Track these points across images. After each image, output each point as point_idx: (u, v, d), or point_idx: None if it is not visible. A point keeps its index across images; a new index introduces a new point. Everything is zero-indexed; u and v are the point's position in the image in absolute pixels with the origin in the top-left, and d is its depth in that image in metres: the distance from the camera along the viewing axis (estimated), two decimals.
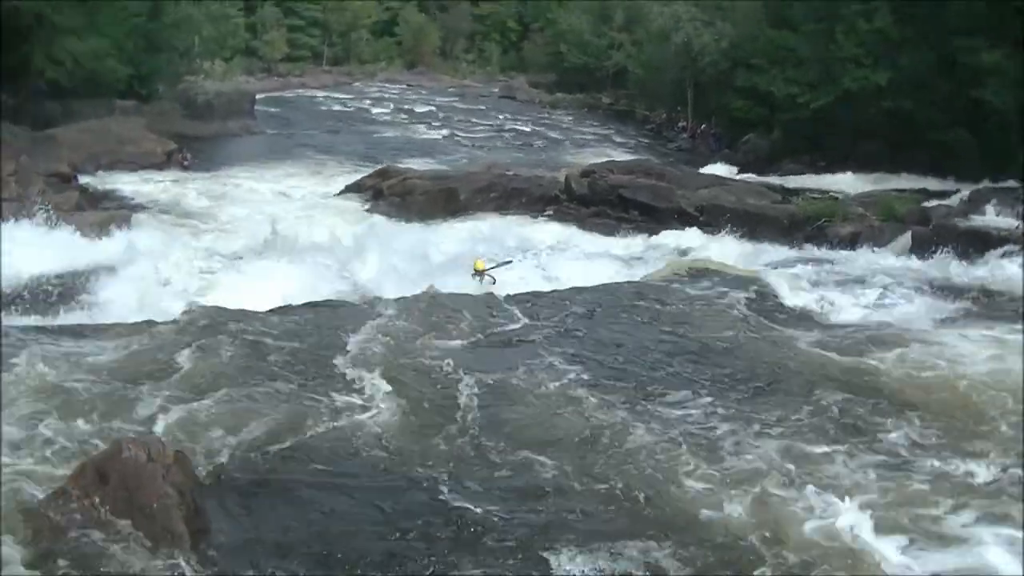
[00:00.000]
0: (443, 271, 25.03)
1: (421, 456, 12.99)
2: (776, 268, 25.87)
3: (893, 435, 14.21)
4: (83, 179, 39.99)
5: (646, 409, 15.06)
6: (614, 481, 12.46)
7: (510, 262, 27.38)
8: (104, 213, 32.21)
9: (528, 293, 22.28)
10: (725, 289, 22.79)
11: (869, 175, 47.40)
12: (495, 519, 11.51)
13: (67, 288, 22.09)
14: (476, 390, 15.56)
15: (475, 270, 25.48)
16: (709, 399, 15.53)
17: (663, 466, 12.87)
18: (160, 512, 9.99)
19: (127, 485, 10.12)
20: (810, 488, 12.15)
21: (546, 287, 23.58)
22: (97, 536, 9.89)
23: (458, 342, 18.01)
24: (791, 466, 13.02)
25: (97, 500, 10.13)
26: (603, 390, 15.82)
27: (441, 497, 11.95)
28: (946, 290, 23.98)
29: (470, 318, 19.55)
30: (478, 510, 11.65)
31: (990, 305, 22.76)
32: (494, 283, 24.70)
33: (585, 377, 16.45)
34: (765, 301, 22.14)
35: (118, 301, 21.04)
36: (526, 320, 19.66)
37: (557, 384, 15.95)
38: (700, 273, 24.68)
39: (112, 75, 56.79)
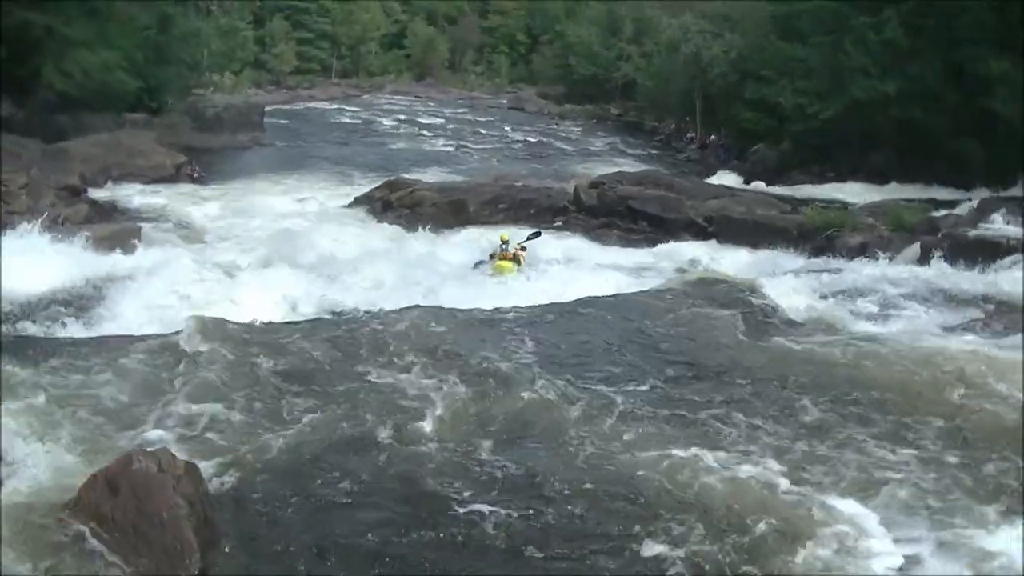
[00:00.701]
0: (451, 282, 25.08)
1: (431, 468, 13.00)
2: (785, 278, 25.84)
3: (901, 447, 14.21)
4: (93, 192, 40.07)
5: (653, 419, 15.06)
6: (625, 493, 12.48)
7: (538, 234, 28.36)
8: (114, 226, 32.20)
9: (537, 306, 22.26)
10: (734, 299, 22.75)
11: (878, 185, 47.48)
12: (504, 528, 11.54)
13: (77, 300, 22.13)
14: (484, 402, 15.58)
15: (501, 241, 27.52)
16: (721, 410, 15.51)
17: (674, 474, 12.89)
18: (170, 523, 10.02)
19: (137, 496, 10.15)
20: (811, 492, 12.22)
21: (554, 298, 23.55)
22: (107, 547, 9.92)
23: (465, 354, 17.98)
24: (797, 471, 13.07)
25: (107, 511, 10.17)
26: (611, 401, 15.80)
27: (454, 508, 11.95)
28: (955, 299, 23.94)
29: (478, 330, 19.56)
30: (486, 519, 11.67)
31: (999, 314, 22.73)
32: (524, 253, 27.84)
33: (592, 387, 16.42)
34: (774, 311, 22.07)
35: (128, 313, 21.04)
36: (534, 331, 19.63)
37: (567, 397, 15.92)
38: (709, 283, 24.63)
39: (122, 88, 56.93)
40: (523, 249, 28.59)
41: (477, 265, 28.82)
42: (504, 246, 28.11)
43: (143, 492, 10.17)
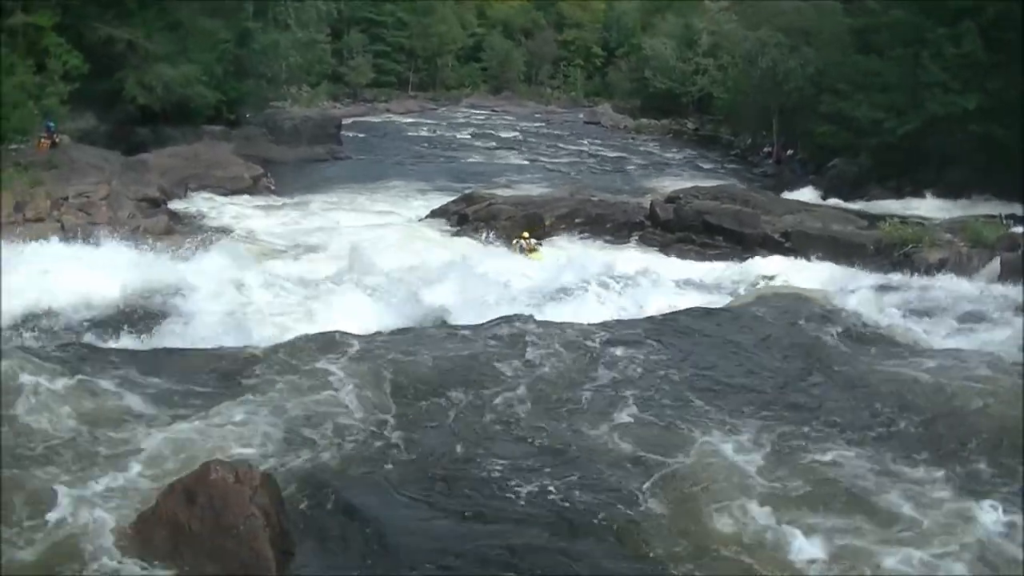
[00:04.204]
0: (526, 297, 25.05)
1: (504, 479, 12.99)
2: (862, 294, 25.61)
3: (981, 464, 14.08)
4: (172, 203, 40.48)
5: (728, 433, 14.98)
6: (695, 505, 12.44)
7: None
8: (192, 237, 32.56)
9: (613, 321, 22.21)
10: (811, 315, 22.57)
11: (956, 201, 47.01)
12: (578, 539, 11.54)
13: (155, 311, 22.35)
14: (558, 416, 15.57)
15: (523, 239, 33.86)
16: (795, 425, 15.42)
17: (747, 488, 12.84)
18: (247, 533, 10.09)
19: (214, 506, 10.24)
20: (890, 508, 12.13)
21: (630, 314, 23.50)
22: (184, 556, 10.00)
23: (541, 369, 17.96)
24: (882, 490, 12.97)
25: (184, 520, 10.26)
26: (685, 416, 15.75)
27: (529, 519, 11.95)
28: None
29: (554, 345, 19.51)
30: (560, 531, 11.67)
31: None
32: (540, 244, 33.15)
33: (667, 402, 16.38)
34: (851, 327, 21.88)
35: (204, 325, 21.18)
36: (609, 347, 19.56)
37: (640, 411, 15.89)
38: (786, 299, 24.46)
39: (201, 101, 57.70)
40: (540, 242, 35.15)
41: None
42: (527, 241, 34.63)
43: (220, 502, 10.26)
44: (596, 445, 14.51)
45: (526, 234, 35.60)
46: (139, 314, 21.98)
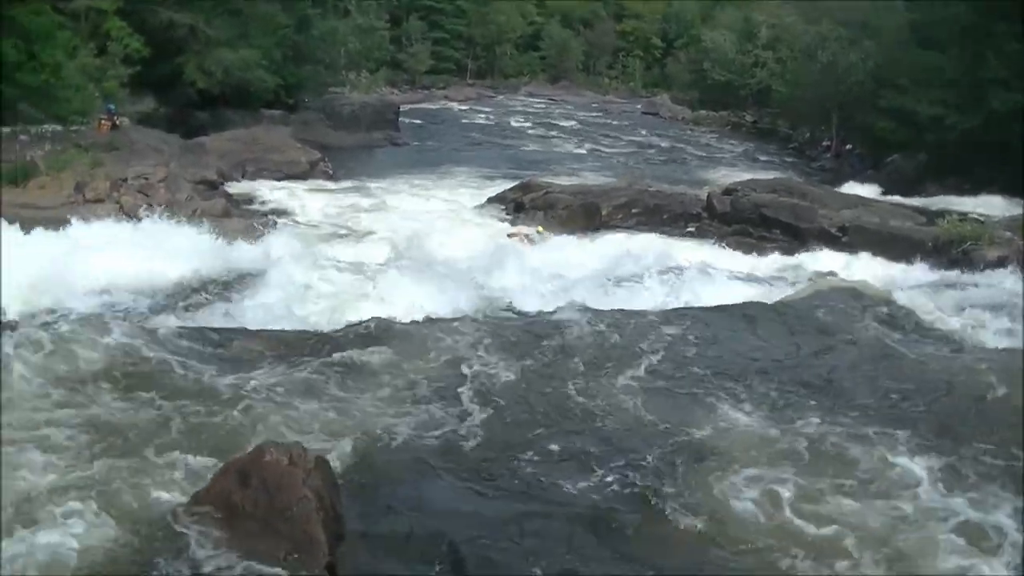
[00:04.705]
0: (582, 286, 25.00)
1: (558, 466, 13.04)
2: (919, 291, 25.45)
3: None
4: (229, 186, 40.68)
5: (784, 426, 14.96)
6: (750, 496, 12.43)
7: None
8: (249, 220, 32.76)
9: (667, 311, 22.18)
10: (867, 311, 22.47)
11: (1017, 198, 46.50)
12: (632, 528, 11.55)
13: (212, 292, 22.45)
14: (617, 405, 15.59)
15: (537, 232, 34.38)
16: (851, 421, 15.37)
17: (800, 483, 12.82)
18: (299, 516, 10.13)
19: (268, 488, 10.29)
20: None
21: (686, 305, 23.46)
22: (237, 536, 10.07)
23: (597, 358, 17.97)
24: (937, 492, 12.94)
25: (238, 501, 10.32)
26: (741, 407, 15.75)
27: (580, 504, 12.00)
28: None
29: (609, 334, 19.51)
30: (617, 517, 11.70)
31: None
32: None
33: (721, 394, 16.37)
34: (908, 324, 21.79)
35: (261, 307, 21.23)
36: (665, 338, 19.54)
37: (696, 402, 15.90)
38: (842, 294, 24.32)
39: (260, 85, 58.00)
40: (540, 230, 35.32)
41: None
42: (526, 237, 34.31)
43: (274, 484, 10.31)
44: (653, 433, 14.53)
45: (524, 228, 35.99)
46: (196, 295, 22.07)
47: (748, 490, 12.66)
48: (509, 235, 34.31)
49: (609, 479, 12.74)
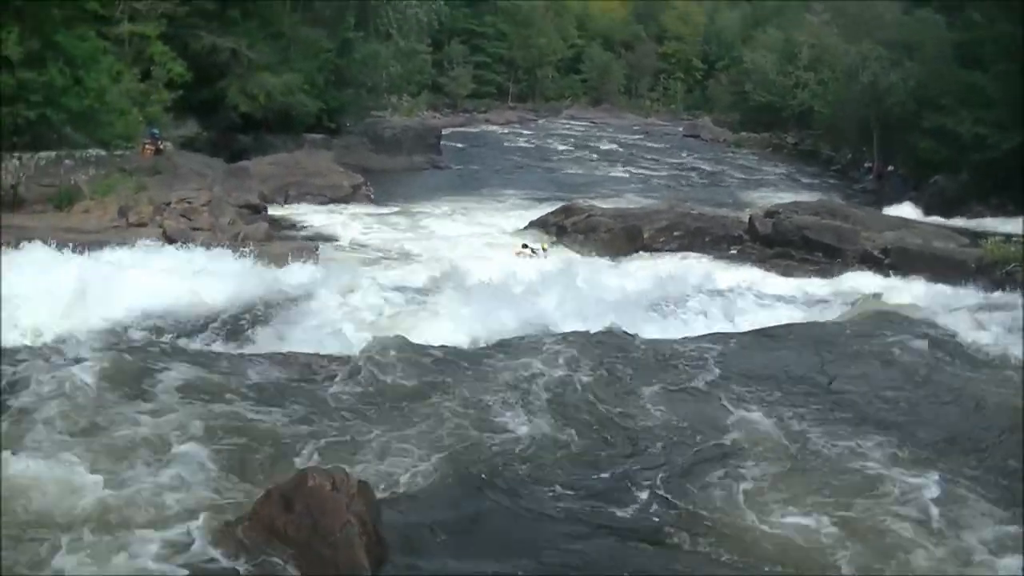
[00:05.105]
0: (624, 309, 24.94)
1: (604, 491, 12.99)
2: (963, 313, 25.31)
3: None
4: (272, 210, 40.88)
5: (827, 452, 14.87)
6: (792, 520, 12.37)
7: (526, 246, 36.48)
8: (291, 244, 32.92)
9: (711, 334, 22.14)
10: (911, 333, 22.31)
11: None
12: (682, 553, 11.51)
13: (255, 317, 22.51)
14: (656, 429, 15.54)
15: (543, 248, 35.99)
16: (896, 446, 15.23)
17: (843, 505, 12.75)
18: (343, 541, 10.13)
19: (311, 513, 10.30)
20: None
21: (728, 328, 23.42)
22: (281, 562, 10.08)
23: (636, 381, 17.94)
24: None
25: (281, 526, 10.34)
26: (783, 429, 15.66)
27: (626, 528, 11.94)
28: None
29: (649, 357, 19.47)
30: (665, 541, 11.67)
31: None
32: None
33: (764, 419, 16.27)
34: (952, 346, 21.65)
35: (303, 331, 21.32)
36: (706, 360, 19.47)
37: (737, 425, 15.83)
38: (886, 317, 24.21)
39: (302, 109, 58.40)
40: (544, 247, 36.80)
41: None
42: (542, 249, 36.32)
43: (317, 509, 10.32)
44: (702, 458, 14.48)
45: (527, 244, 37.16)
46: (239, 319, 22.16)
47: (790, 517, 12.58)
48: (517, 253, 34.74)
49: (655, 502, 12.68)
